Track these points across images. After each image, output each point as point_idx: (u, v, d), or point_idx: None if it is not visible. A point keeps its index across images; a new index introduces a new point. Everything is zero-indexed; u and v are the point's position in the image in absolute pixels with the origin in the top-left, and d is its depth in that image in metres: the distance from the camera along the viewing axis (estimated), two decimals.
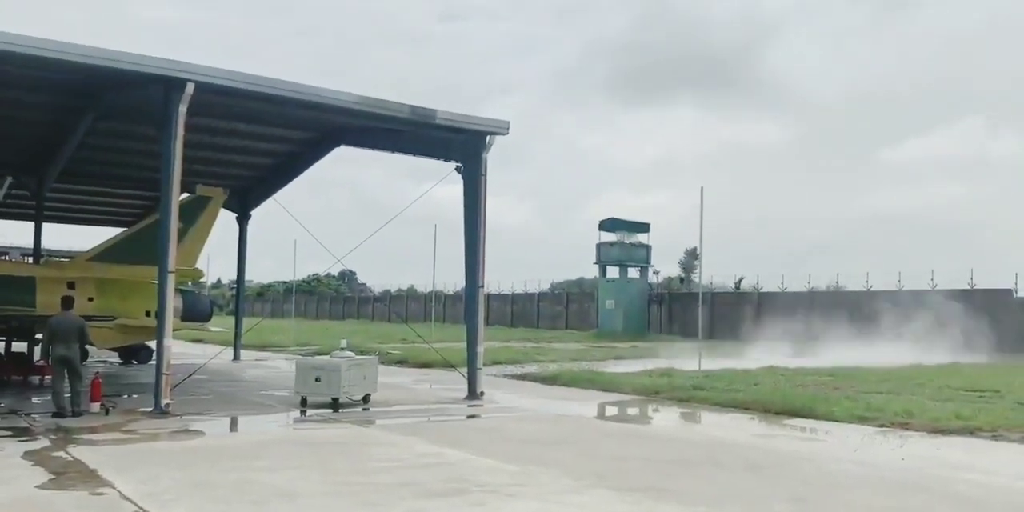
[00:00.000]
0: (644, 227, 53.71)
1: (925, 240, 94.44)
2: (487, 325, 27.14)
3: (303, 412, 14.68)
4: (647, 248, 53.95)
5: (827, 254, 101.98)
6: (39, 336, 17.66)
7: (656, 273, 59.16)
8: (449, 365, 20.66)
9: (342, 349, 15.66)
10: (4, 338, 18.37)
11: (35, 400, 15.50)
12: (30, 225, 26.50)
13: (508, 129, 17.70)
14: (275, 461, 9.91)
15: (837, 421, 14.14)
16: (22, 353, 18.67)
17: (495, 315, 60.14)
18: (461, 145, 17.92)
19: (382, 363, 18.41)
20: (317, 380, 14.95)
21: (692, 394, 17.51)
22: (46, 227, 26.47)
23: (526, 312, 62.22)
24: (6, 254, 31.58)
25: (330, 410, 14.63)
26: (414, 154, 19.75)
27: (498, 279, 65.37)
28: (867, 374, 21.64)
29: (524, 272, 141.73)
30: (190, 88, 13.97)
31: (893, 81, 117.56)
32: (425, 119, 16.87)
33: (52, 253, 28.63)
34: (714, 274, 52.70)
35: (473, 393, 17.11)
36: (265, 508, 7.63)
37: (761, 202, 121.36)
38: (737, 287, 54.84)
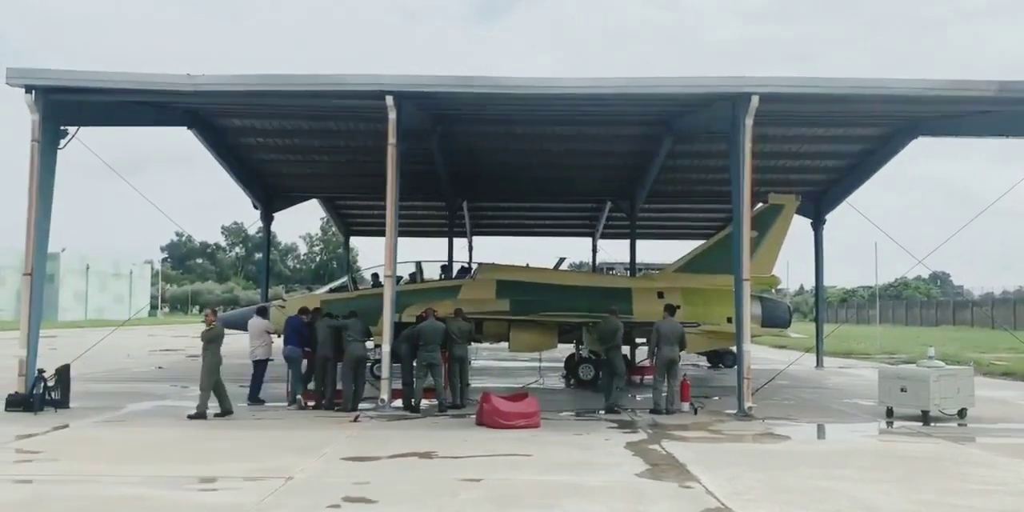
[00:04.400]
0: None
1: None
2: None
3: (889, 423, 13.84)
4: None
5: None
6: (639, 340, 20.00)
7: None
8: None
9: (930, 358, 14.37)
10: None
11: (637, 398, 17.42)
12: (626, 243, 30.10)
13: None
14: (856, 472, 9.54)
15: None
16: (625, 355, 21.23)
17: None
18: None
19: (983, 376, 16.36)
20: (903, 390, 13.97)
21: None
22: (639, 243, 29.74)
23: None
24: (613, 269, 36.28)
25: (919, 423, 13.52)
26: (1006, 135, 17.37)
27: None
28: None
29: None
30: (755, 101, 14.40)
31: None
32: (1019, 94, 14.65)
33: (647, 266, 31.96)
34: None
35: None
36: None
37: None
38: None
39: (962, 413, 14.08)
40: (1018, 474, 9.55)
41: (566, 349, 21.67)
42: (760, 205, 21.17)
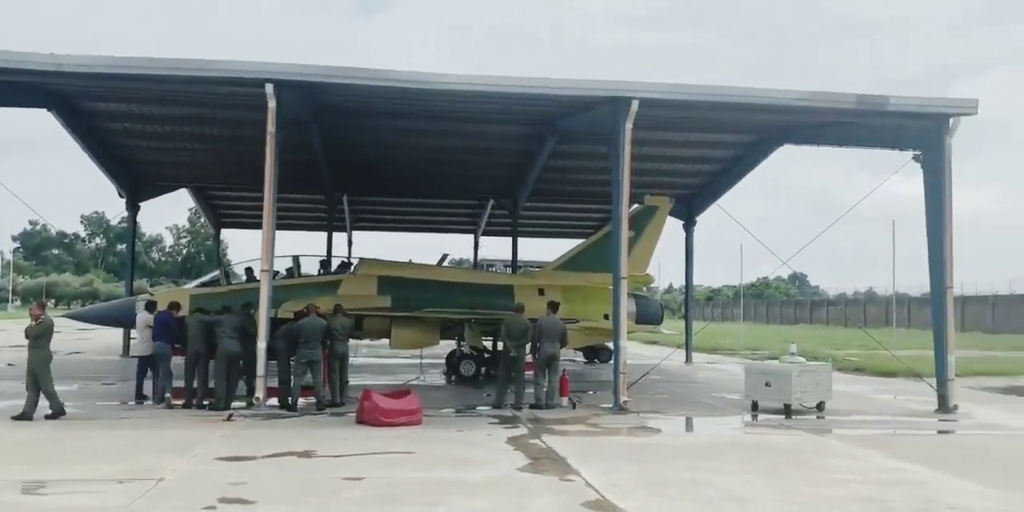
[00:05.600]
0: None
1: None
2: (961, 331, 24.15)
3: (754, 417, 14.56)
4: None
5: None
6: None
7: None
8: (915, 374, 18.82)
9: (792, 354, 15.21)
10: (491, 338, 21.20)
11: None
12: (508, 240, 30.38)
13: (976, 109, 15.64)
14: (725, 464, 9.97)
15: None
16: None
17: (972, 320, 53.13)
18: (918, 131, 16.33)
19: (838, 370, 17.47)
20: (767, 385, 14.74)
21: None
22: (520, 241, 30.06)
23: (1013, 316, 53.81)
24: (493, 266, 36.49)
25: (781, 416, 14.29)
26: (865, 146, 18.61)
27: (975, 279, 57.83)
28: None
29: (1010, 270, 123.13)
30: (635, 105, 14.80)
31: None
32: (876, 107, 15.68)
33: (526, 264, 32.34)
34: None
35: (944, 406, 15.36)
36: (717, 510, 7.74)
37: None
38: None
39: (820, 406, 14.97)
40: (871, 463, 10.24)
41: (448, 345, 21.67)
42: (636, 206, 21.78)
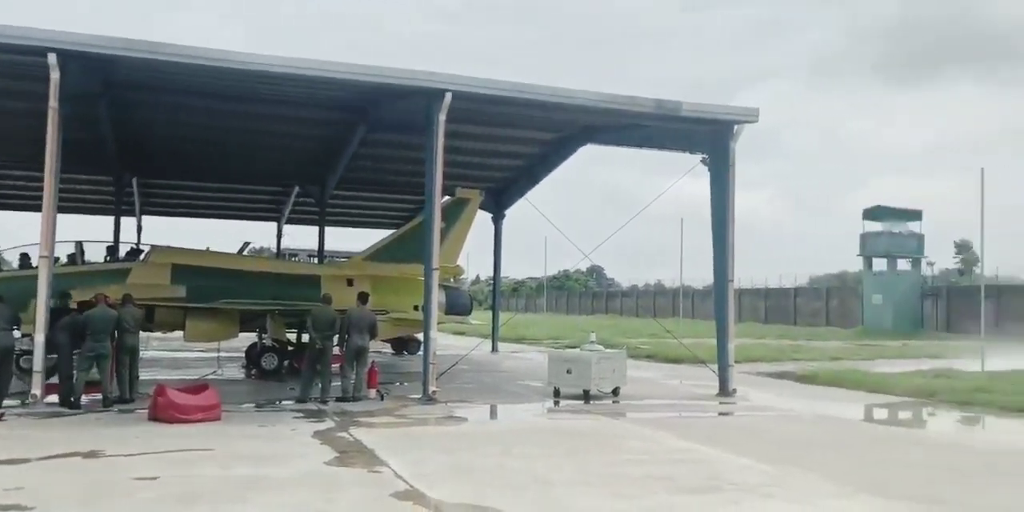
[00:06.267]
0: (915, 215, 49.22)
1: None
2: (739, 321, 26.32)
3: (556, 403, 15.16)
4: (919, 238, 49.39)
5: None
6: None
7: (931, 265, 54.01)
8: (699, 361, 20.34)
9: (592, 343, 15.98)
10: (295, 330, 20.64)
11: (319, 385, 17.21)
12: (315, 229, 29.61)
13: (757, 117, 17.08)
14: (531, 449, 10.33)
15: None
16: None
17: (747, 311, 58.10)
18: (707, 136, 17.58)
19: (630, 358, 18.52)
20: (568, 372, 15.40)
21: (973, 397, 15.90)
22: (328, 231, 29.41)
23: (781, 308, 59.44)
24: (296, 256, 35.41)
25: (581, 401, 14.98)
26: (660, 148, 19.71)
27: (751, 274, 63.17)
28: None
29: (779, 266, 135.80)
30: (448, 97, 14.89)
31: None
32: (671, 112, 16.72)
33: (333, 254, 31.67)
34: (1000, 266, 47.28)
35: (725, 390, 16.72)
36: (523, 494, 7.99)
37: None
38: None
39: (616, 391, 15.83)
40: (663, 444, 10.98)
41: (247, 338, 20.84)
42: (447, 198, 21.94)
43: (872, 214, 49.41)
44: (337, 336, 15.04)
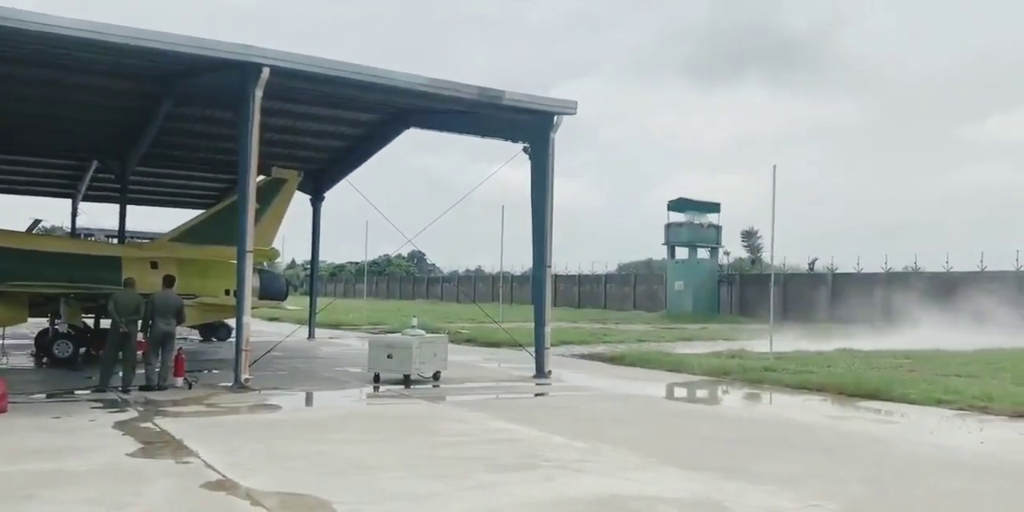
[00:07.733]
0: (714, 207, 52.85)
1: (1008, 220, 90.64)
2: (554, 306, 27.23)
3: (376, 388, 15.05)
4: (717, 229, 53.10)
5: (905, 235, 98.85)
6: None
7: (727, 254, 58.22)
8: (517, 344, 20.87)
9: (413, 327, 15.98)
10: (93, 315, 19.21)
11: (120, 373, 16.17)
12: (115, 207, 27.60)
13: (575, 109, 17.66)
14: (350, 434, 10.22)
15: (913, 404, 13.84)
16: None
17: (562, 296, 60.16)
18: (528, 125, 17.97)
19: (451, 342, 18.71)
20: (389, 357, 15.32)
21: (763, 376, 17.32)
22: (130, 209, 27.50)
23: (593, 293, 62.07)
24: (92, 235, 32.90)
25: (402, 386, 14.97)
26: (482, 135, 19.88)
27: (565, 261, 65.46)
28: (945, 357, 21.03)
29: (592, 253, 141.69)
30: (266, 73, 14.31)
31: (974, 57, 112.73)
32: (493, 100, 16.95)
33: (135, 235, 29.72)
34: (787, 255, 51.74)
35: (541, 372, 17.26)
36: (341, 479, 7.89)
37: (837, 182, 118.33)
38: (811, 268, 53.72)
39: (436, 376, 15.94)
40: (481, 425, 11.18)
41: (38, 324, 19.18)
42: (263, 178, 21.11)
43: (675, 206, 52.53)
44: (141, 321, 14.13)
